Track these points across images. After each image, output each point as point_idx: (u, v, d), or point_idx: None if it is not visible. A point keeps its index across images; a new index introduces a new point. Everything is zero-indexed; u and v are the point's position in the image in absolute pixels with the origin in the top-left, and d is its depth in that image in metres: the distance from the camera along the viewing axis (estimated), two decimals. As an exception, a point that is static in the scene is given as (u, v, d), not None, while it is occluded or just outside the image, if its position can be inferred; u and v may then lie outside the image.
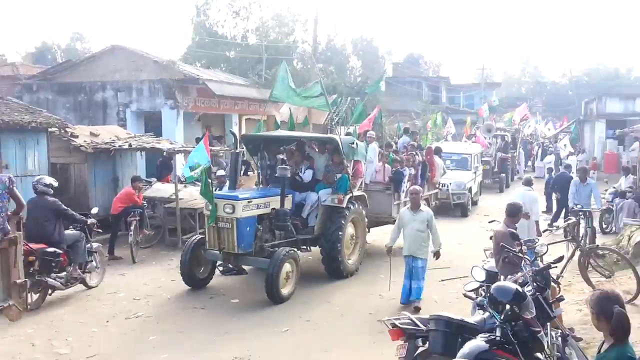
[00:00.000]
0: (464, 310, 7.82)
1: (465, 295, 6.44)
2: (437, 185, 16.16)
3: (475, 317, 5.59)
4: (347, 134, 15.36)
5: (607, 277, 9.62)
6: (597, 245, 11.42)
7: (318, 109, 12.68)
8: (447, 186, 18.52)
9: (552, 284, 6.63)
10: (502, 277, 6.73)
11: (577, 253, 10.11)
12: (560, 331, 5.96)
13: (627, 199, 14.71)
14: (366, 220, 12.10)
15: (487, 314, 5.13)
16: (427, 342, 5.36)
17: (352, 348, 7.83)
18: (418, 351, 5.43)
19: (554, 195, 17.37)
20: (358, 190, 11.90)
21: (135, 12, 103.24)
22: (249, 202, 9.94)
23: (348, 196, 11.11)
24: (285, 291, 9.70)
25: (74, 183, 14.34)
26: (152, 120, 21.25)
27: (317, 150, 12.37)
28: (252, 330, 8.35)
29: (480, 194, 22.51)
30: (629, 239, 12.21)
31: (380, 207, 12.85)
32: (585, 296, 9.60)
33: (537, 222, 11.41)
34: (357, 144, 11.54)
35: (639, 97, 35.32)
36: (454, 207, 19.04)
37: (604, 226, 15.64)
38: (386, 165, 13.48)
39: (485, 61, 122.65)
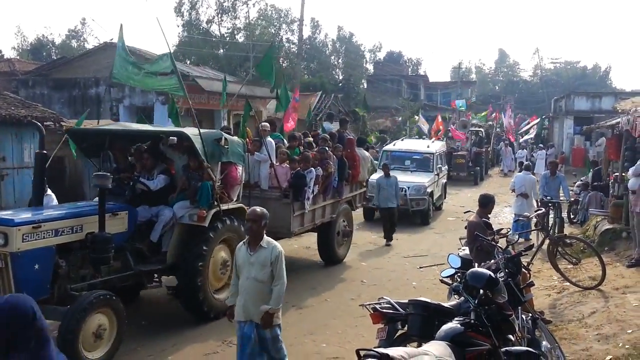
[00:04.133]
0: (440, 295, 7.92)
1: (441, 281, 6.49)
2: (364, 184, 12.87)
3: (451, 302, 5.63)
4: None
5: (574, 264, 9.74)
6: (565, 234, 11.58)
7: (170, 92, 8.83)
8: (405, 191, 15.47)
9: (523, 270, 6.69)
10: (476, 264, 6.79)
11: (547, 242, 10.22)
12: (530, 314, 6.03)
13: (590, 191, 14.90)
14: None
15: (462, 298, 5.16)
16: (406, 325, 5.40)
17: (335, 331, 7.87)
18: (397, 334, 5.46)
19: None
20: (234, 201, 8.69)
21: (127, 10, 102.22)
22: (35, 227, 6.38)
23: (213, 211, 7.97)
24: (92, 356, 6.35)
25: (68, 175, 14.22)
26: (144, 115, 21.09)
27: (174, 149, 8.70)
28: (240, 315, 8.33)
29: (444, 197, 19.45)
30: (595, 228, 12.37)
31: (276, 220, 9.26)
32: (553, 282, 9.76)
33: (536, 201, 12.98)
34: (227, 140, 8.32)
35: (604, 95, 35.77)
36: (413, 214, 16.07)
37: (572, 216, 15.82)
38: (285, 165, 10.27)
39: (462, 60, 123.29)
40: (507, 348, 4.60)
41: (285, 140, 11.41)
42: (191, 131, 8.13)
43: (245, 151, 8.97)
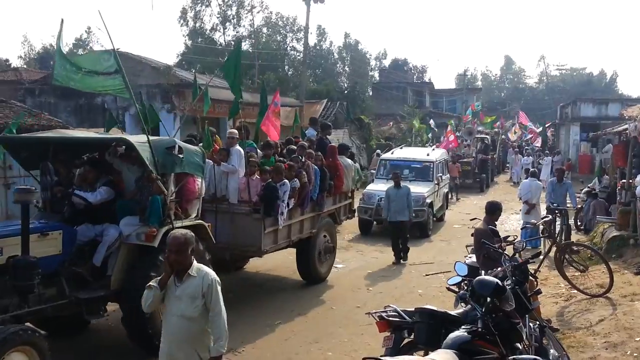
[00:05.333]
0: (447, 303, 7.88)
1: (448, 289, 6.47)
2: (348, 195, 11.78)
3: (458, 310, 5.61)
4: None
5: (581, 272, 9.68)
6: (572, 241, 11.51)
7: (114, 94, 7.81)
8: None
9: (530, 278, 6.66)
10: (483, 271, 6.77)
11: (554, 249, 10.17)
12: (538, 322, 5.99)
13: (597, 198, 14.84)
14: (209, 261, 7.38)
15: (469, 306, 5.15)
16: (413, 334, 5.38)
17: (341, 339, 7.84)
18: (404, 342, 5.43)
19: None
20: (193, 217, 7.70)
21: (133, 19, 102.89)
22: None
23: (165, 228, 6.89)
24: None
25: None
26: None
27: (123, 160, 7.72)
28: (246, 324, 8.32)
29: (446, 208, 18.53)
30: (602, 235, 12.30)
31: (246, 237, 8.81)
32: (561, 290, 9.70)
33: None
34: (182, 149, 7.27)
35: (611, 102, 35.72)
36: (411, 227, 14.39)
37: (579, 223, 15.74)
38: (256, 176, 9.25)
39: (467, 67, 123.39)
40: (514, 356, 4.56)
41: (258, 149, 10.39)
42: (137, 138, 7.22)
43: (204, 161, 7.89)
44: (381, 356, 4.19)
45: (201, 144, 9.12)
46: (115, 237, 6.91)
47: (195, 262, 4.53)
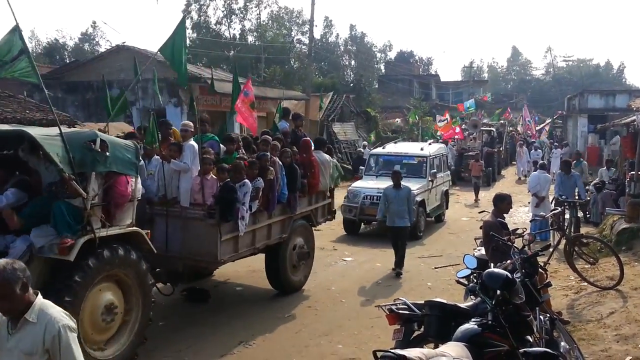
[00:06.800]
0: (456, 296, 7.89)
1: (457, 282, 6.45)
2: (327, 195, 10.54)
3: (467, 302, 5.60)
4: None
5: (591, 264, 9.65)
6: (582, 234, 11.48)
7: (20, 78, 6.52)
8: None
9: (540, 270, 6.65)
10: (492, 264, 6.75)
11: (563, 241, 10.14)
12: (548, 315, 5.98)
13: (602, 191, 14.80)
14: (149, 277, 6.78)
15: (478, 299, 5.13)
16: (422, 326, 5.38)
17: (351, 332, 7.86)
18: (414, 335, 5.44)
19: None
20: (127, 224, 6.55)
21: (139, 13, 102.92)
22: None
23: (84, 238, 5.89)
24: None
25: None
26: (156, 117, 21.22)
27: (40, 158, 6.38)
28: (256, 316, 8.35)
29: (446, 207, 16.82)
30: (612, 227, 12.24)
31: (199, 245, 7.63)
32: (571, 282, 9.68)
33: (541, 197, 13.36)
34: (108, 143, 6.16)
35: (618, 93, 35.49)
36: None
37: (588, 216, 15.69)
38: (212, 175, 7.94)
39: (473, 59, 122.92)
40: (525, 349, 4.56)
41: (220, 144, 9.00)
42: (45, 131, 6.14)
43: (137, 158, 6.64)
44: (391, 349, 4.18)
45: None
46: (23, 249, 5.78)
47: (38, 300, 3.12)
